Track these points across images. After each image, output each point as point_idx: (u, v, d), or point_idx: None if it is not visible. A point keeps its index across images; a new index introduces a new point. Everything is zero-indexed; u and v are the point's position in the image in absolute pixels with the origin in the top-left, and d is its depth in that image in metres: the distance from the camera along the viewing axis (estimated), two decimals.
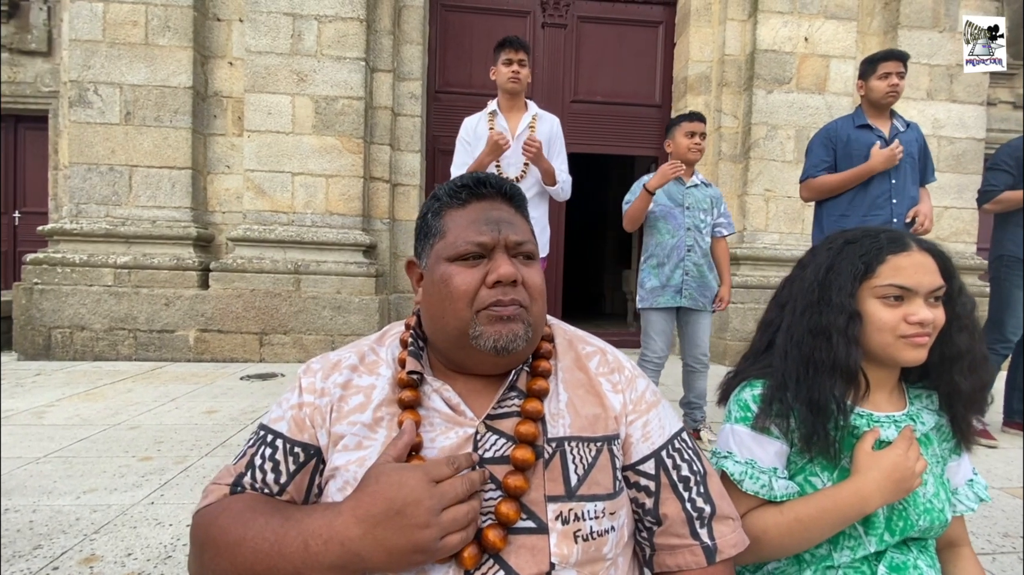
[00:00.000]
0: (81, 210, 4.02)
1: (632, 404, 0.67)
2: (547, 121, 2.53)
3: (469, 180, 0.67)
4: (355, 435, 0.62)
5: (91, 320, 3.90)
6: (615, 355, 0.72)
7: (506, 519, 0.56)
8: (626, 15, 4.93)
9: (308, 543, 0.51)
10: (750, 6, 4.49)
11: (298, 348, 4.04)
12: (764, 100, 4.39)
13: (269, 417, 0.66)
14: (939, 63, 4.55)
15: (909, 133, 2.46)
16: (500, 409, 0.63)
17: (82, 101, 3.99)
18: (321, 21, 4.09)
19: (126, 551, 1.38)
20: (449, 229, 0.65)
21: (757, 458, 0.79)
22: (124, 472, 1.89)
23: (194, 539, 0.58)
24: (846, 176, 2.38)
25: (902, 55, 2.39)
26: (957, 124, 4.56)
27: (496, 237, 0.62)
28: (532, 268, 0.65)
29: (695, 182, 2.53)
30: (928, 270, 0.78)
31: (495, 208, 0.65)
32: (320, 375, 0.66)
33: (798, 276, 0.87)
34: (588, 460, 0.61)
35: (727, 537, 0.63)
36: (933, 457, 0.83)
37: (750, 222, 4.45)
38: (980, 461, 2.25)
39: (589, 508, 0.59)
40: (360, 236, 4.20)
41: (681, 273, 2.45)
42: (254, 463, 0.63)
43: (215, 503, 0.60)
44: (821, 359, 0.78)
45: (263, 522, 0.54)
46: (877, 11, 4.72)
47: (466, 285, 0.61)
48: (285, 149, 4.12)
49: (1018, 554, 1.48)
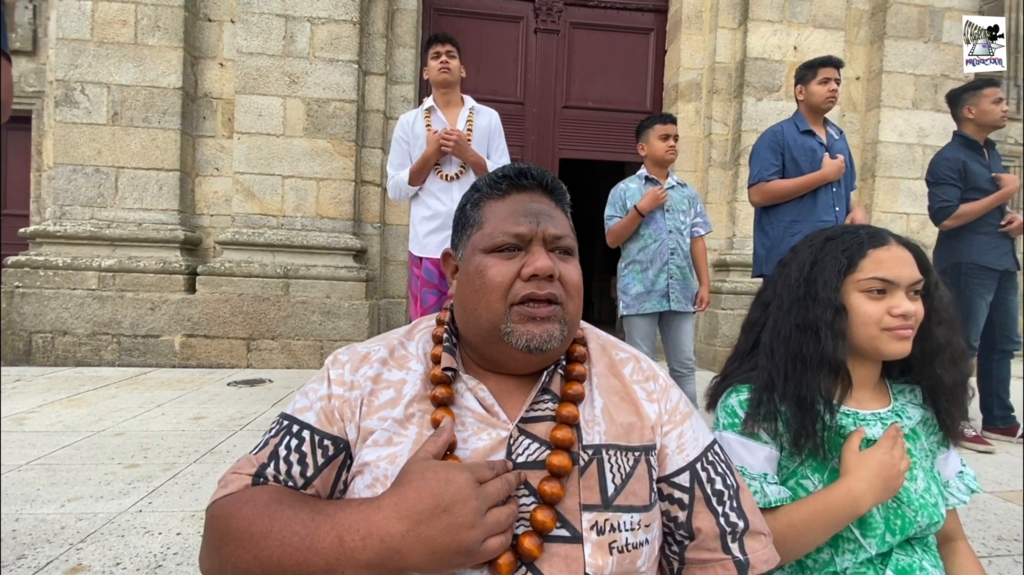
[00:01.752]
0: (65, 212, 3.94)
1: (667, 414, 0.65)
2: (485, 115, 2.48)
3: (511, 171, 0.65)
4: (386, 431, 0.59)
5: (74, 325, 3.81)
6: (648, 363, 0.70)
7: (542, 527, 0.54)
8: (618, 22, 4.97)
9: (344, 538, 0.48)
10: (740, 15, 4.55)
11: (287, 354, 3.98)
12: (754, 107, 4.45)
13: (294, 407, 0.63)
14: (924, 73, 4.65)
15: (842, 140, 2.51)
16: (533, 412, 0.61)
17: (68, 101, 3.92)
18: (314, 23, 4.07)
19: (114, 560, 1.33)
20: (487, 220, 0.63)
21: (747, 464, 0.79)
22: (110, 479, 1.83)
23: (212, 531, 0.54)
24: (799, 183, 2.38)
25: (839, 62, 2.44)
26: (942, 133, 4.65)
27: (534, 229, 0.61)
28: (570, 264, 0.63)
29: (671, 183, 2.53)
30: (907, 263, 0.79)
31: (535, 200, 0.64)
32: (349, 367, 0.64)
33: (781, 274, 0.88)
34: (626, 470, 0.59)
35: (759, 553, 0.62)
36: (922, 451, 0.83)
37: (740, 228, 4.49)
38: (971, 465, 2.28)
39: (625, 519, 0.57)
40: (351, 240, 4.16)
41: (666, 277, 2.43)
42: (278, 454, 0.59)
43: (236, 493, 0.56)
44: (809, 354, 0.78)
45: (291, 514, 0.51)
46: (864, 22, 4.81)
47: (501, 277, 0.60)
48: (276, 151, 4.07)
49: (1012, 557, 1.49)
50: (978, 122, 2.63)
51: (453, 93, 2.46)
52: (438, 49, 2.40)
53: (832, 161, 2.35)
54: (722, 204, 4.68)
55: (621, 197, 2.52)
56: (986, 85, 2.63)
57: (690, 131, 4.81)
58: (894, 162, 4.64)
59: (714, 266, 4.69)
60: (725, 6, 4.60)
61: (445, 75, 2.38)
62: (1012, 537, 1.61)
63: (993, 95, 2.59)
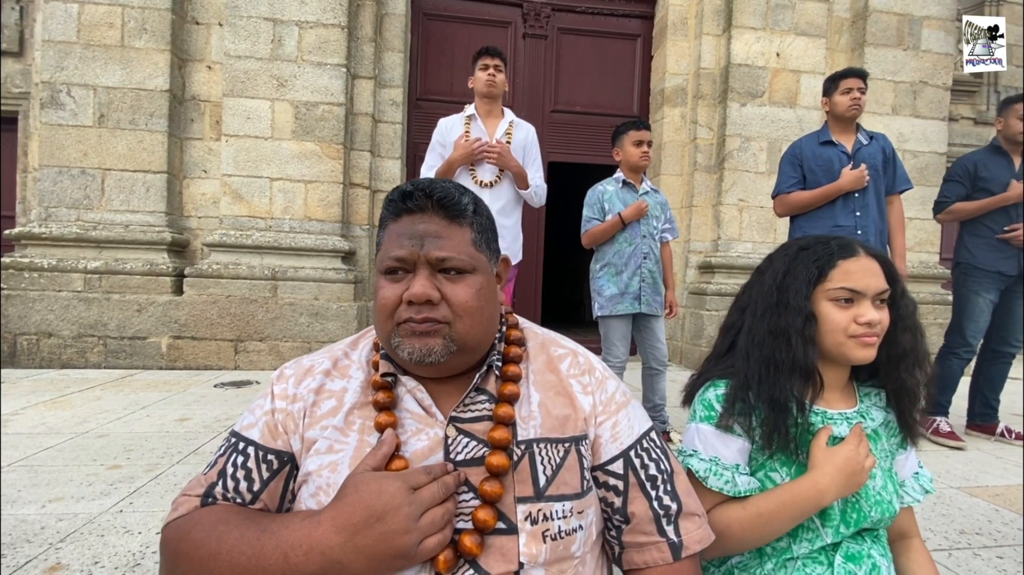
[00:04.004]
0: (50, 214, 3.93)
1: (602, 405, 0.68)
2: (523, 128, 2.57)
3: (396, 194, 0.65)
4: (326, 439, 0.62)
5: (59, 327, 3.80)
6: (587, 357, 0.73)
7: (483, 525, 0.57)
8: (605, 28, 5.03)
9: (288, 555, 0.52)
10: (724, 22, 4.62)
11: (274, 355, 3.99)
12: (738, 113, 4.52)
13: (241, 424, 0.66)
14: (903, 80, 4.74)
15: (872, 145, 2.55)
16: (467, 412, 0.64)
17: (54, 103, 3.91)
18: (302, 27, 4.09)
19: (93, 559, 1.35)
20: (383, 241, 0.66)
21: (721, 455, 0.82)
22: (92, 480, 1.84)
23: (165, 554, 0.58)
24: (816, 194, 2.49)
25: (862, 72, 2.51)
26: (920, 139, 4.75)
27: (416, 252, 0.61)
28: (460, 284, 0.62)
29: (645, 189, 2.60)
30: (874, 274, 0.83)
31: (424, 221, 0.63)
32: (292, 381, 0.67)
33: (757, 281, 0.92)
34: (556, 461, 0.62)
35: (692, 533, 0.65)
36: (882, 451, 0.87)
37: (724, 231, 4.56)
38: (940, 461, 2.34)
39: (557, 508, 0.60)
40: (339, 242, 4.18)
41: (638, 280, 2.51)
42: (225, 471, 0.62)
43: (185, 516, 0.59)
44: (781, 359, 0.82)
45: (238, 535, 0.54)
46: (845, 29, 4.90)
47: (385, 300, 0.62)
48: (264, 154, 4.09)
49: (972, 550, 1.54)
50: (1004, 134, 2.69)
51: (495, 105, 2.55)
52: (487, 62, 2.48)
53: (851, 172, 2.43)
54: (707, 207, 4.74)
55: (599, 199, 2.57)
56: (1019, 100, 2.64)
57: (676, 136, 4.87)
58: None
59: (699, 268, 4.75)
60: (710, 13, 4.67)
61: (491, 88, 2.48)
62: (973, 531, 1.66)
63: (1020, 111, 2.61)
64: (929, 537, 1.60)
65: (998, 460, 2.39)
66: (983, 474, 2.20)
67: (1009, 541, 1.60)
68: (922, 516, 1.73)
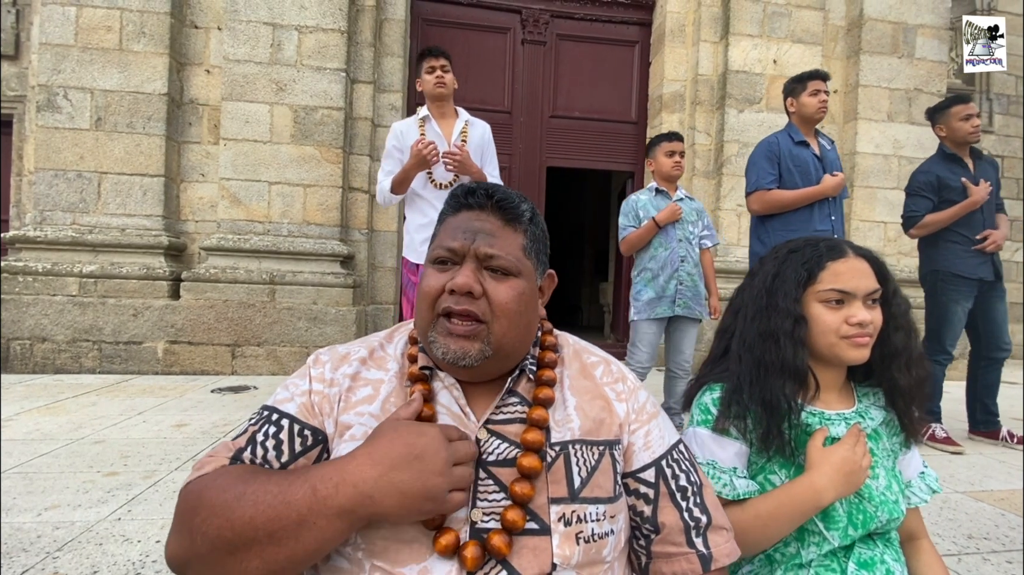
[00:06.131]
0: (46, 217, 3.89)
1: (635, 413, 0.68)
2: (479, 127, 2.54)
3: (460, 190, 0.68)
4: (363, 425, 0.62)
5: (53, 331, 3.75)
6: (618, 366, 0.73)
7: (512, 526, 0.56)
8: (603, 34, 5.06)
9: (316, 487, 0.51)
10: (722, 29, 4.66)
11: (272, 360, 3.95)
12: (736, 119, 4.54)
13: (275, 399, 0.65)
14: (899, 87, 4.78)
15: (833, 151, 2.60)
16: (500, 414, 0.64)
17: (50, 106, 3.88)
18: (301, 31, 4.08)
19: (91, 569, 1.32)
20: (438, 234, 0.68)
21: (718, 458, 0.83)
22: (88, 488, 1.81)
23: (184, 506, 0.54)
24: (798, 195, 2.45)
25: (825, 74, 2.54)
26: (915, 145, 4.78)
27: (467, 245, 0.63)
28: (503, 284, 0.63)
29: (679, 196, 2.66)
30: (864, 274, 0.83)
31: (480, 219, 0.65)
32: (329, 366, 0.67)
33: (748, 285, 0.92)
34: (591, 463, 0.62)
35: (721, 547, 0.65)
36: (884, 451, 0.87)
37: (723, 236, 4.57)
38: (944, 466, 2.34)
39: (591, 510, 0.60)
40: (338, 246, 4.16)
41: (675, 284, 2.55)
42: (255, 439, 0.61)
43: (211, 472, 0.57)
44: (771, 361, 0.82)
45: (265, 478, 0.53)
46: (840, 37, 4.95)
47: (429, 287, 0.63)
48: (262, 158, 4.07)
49: (981, 555, 1.53)
50: (950, 139, 2.72)
51: (448, 105, 2.51)
52: (432, 63, 2.44)
53: (832, 178, 2.44)
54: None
55: (634, 208, 2.64)
56: (953, 103, 2.72)
57: None
58: (871, 172, 4.76)
59: None
60: (707, 20, 4.70)
61: (440, 89, 2.44)
62: (981, 535, 1.65)
63: (960, 113, 2.67)
64: (938, 542, 1.59)
65: (1001, 464, 2.39)
66: (987, 478, 2.20)
67: (1017, 546, 1.59)
68: (929, 521, 1.72)
